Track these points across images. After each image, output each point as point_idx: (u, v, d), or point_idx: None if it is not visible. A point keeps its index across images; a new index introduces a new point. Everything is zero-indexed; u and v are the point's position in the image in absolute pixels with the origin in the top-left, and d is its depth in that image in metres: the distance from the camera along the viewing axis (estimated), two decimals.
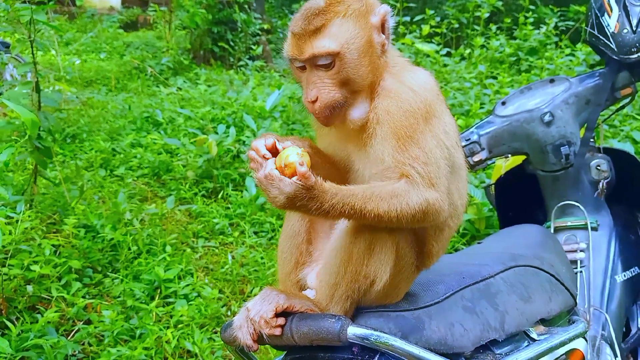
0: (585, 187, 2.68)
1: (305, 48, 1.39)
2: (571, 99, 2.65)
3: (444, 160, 1.41)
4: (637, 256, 2.66)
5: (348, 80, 1.41)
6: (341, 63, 1.39)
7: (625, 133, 5.22)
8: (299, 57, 1.41)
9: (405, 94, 1.40)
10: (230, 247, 4.12)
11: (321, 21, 1.39)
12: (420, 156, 1.36)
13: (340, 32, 1.39)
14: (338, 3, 1.41)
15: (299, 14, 1.44)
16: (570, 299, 1.84)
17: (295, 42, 1.41)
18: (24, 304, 3.11)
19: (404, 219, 1.33)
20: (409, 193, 1.33)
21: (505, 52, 8.06)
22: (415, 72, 1.48)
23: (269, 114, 6.22)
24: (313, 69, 1.41)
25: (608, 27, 2.55)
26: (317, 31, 1.38)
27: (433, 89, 1.45)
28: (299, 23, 1.41)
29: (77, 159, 5.28)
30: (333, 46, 1.38)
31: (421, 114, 1.39)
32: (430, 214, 1.36)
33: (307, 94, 1.41)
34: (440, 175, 1.38)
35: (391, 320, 1.39)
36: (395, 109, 1.38)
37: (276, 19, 13.56)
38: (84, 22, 13.35)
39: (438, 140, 1.41)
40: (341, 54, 1.38)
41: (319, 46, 1.38)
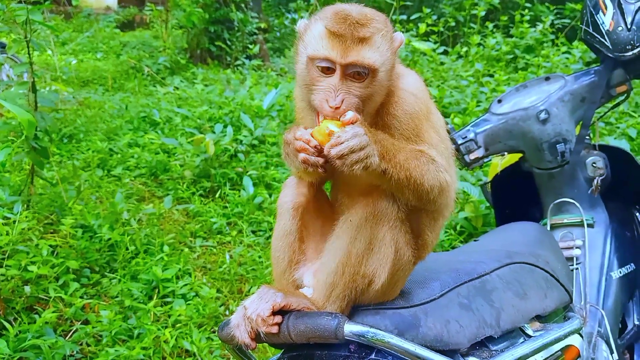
0: (581, 184, 2.69)
1: (349, 52, 1.35)
2: (567, 96, 2.66)
3: (446, 150, 1.50)
4: (632, 253, 2.67)
5: (371, 97, 1.40)
6: (373, 79, 1.38)
7: (622, 130, 5.24)
8: (338, 59, 1.35)
9: (408, 98, 1.45)
10: (228, 246, 4.13)
11: (367, 33, 1.36)
12: (429, 150, 1.43)
13: (381, 50, 1.38)
14: (375, 20, 1.39)
15: (336, 16, 1.38)
16: (566, 296, 1.85)
17: (337, 43, 1.35)
18: (22, 304, 3.11)
19: (425, 185, 1.37)
20: (428, 164, 1.39)
21: (501, 50, 8.08)
22: (409, 76, 1.52)
23: (266, 113, 6.23)
24: (343, 76, 1.37)
25: (603, 25, 2.56)
26: (364, 40, 1.35)
27: (425, 89, 1.53)
28: (342, 24, 1.36)
29: (74, 159, 5.27)
30: (378, 60, 1.36)
31: (423, 114, 1.46)
32: (443, 194, 1.43)
33: (330, 98, 1.36)
34: (447, 165, 1.46)
35: (387, 318, 1.40)
36: (401, 113, 1.44)
37: (273, 17, 13.56)
38: (81, 22, 13.34)
39: (438, 134, 1.49)
40: (377, 71, 1.38)
41: (365, 56, 1.35)
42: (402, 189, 1.37)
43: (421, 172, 1.36)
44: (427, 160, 1.39)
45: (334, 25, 1.36)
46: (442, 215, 1.54)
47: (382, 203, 1.40)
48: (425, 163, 1.38)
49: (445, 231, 3.98)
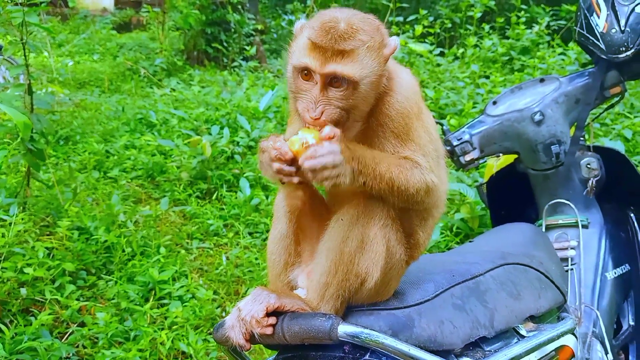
0: (576, 185, 2.70)
1: (328, 63, 1.36)
2: (561, 98, 2.67)
3: (435, 151, 1.51)
4: (627, 253, 2.68)
5: (355, 107, 1.42)
6: (354, 91, 1.39)
7: (617, 131, 5.26)
8: (317, 69, 1.37)
9: (401, 97, 1.47)
10: (224, 248, 4.13)
11: (349, 45, 1.37)
12: (418, 150, 1.45)
13: (364, 63, 1.38)
14: (362, 31, 1.39)
15: (321, 28, 1.38)
16: (560, 296, 1.86)
17: (317, 54, 1.37)
18: (18, 306, 3.11)
19: (411, 190, 1.40)
20: (412, 169, 1.41)
21: (497, 51, 8.10)
22: (402, 74, 1.53)
23: (262, 114, 6.23)
24: (324, 85, 1.39)
25: (597, 26, 2.57)
26: (344, 53, 1.37)
27: (417, 89, 1.54)
28: (324, 37, 1.37)
29: (71, 161, 5.27)
30: (356, 74, 1.37)
31: (414, 113, 1.47)
32: (430, 194, 1.45)
33: (309, 108, 1.38)
34: (435, 165, 1.49)
35: (381, 318, 1.41)
36: (394, 112, 1.45)
37: (270, 19, 13.57)
38: (77, 24, 13.33)
39: (428, 133, 1.50)
40: (358, 84, 1.39)
41: (344, 68, 1.36)
42: (386, 196, 1.40)
43: (405, 178, 1.39)
44: (412, 165, 1.42)
45: (316, 37, 1.38)
46: (431, 215, 1.55)
47: (372, 202, 1.41)
48: (410, 168, 1.41)
49: (442, 232, 3.99)
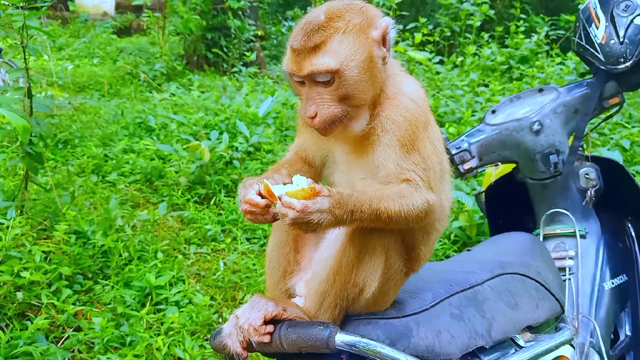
0: (574, 195, 2.70)
1: (304, 65, 1.38)
2: (559, 108, 2.68)
3: (438, 165, 1.49)
4: (625, 264, 2.68)
5: (348, 96, 1.41)
6: (340, 80, 1.39)
7: (615, 141, 5.28)
8: (297, 73, 1.40)
9: (408, 104, 1.45)
10: (222, 253, 4.12)
11: (320, 38, 1.38)
12: (421, 162, 1.42)
13: (339, 49, 1.38)
14: (338, 18, 1.40)
15: (298, 28, 1.42)
16: (557, 306, 1.86)
17: (295, 58, 1.40)
18: (14, 310, 3.10)
19: (410, 218, 1.38)
20: (412, 195, 1.39)
21: (496, 60, 8.13)
22: (410, 82, 1.52)
23: (262, 120, 6.24)
24: (312, 85, 1.41)
25: (596, 37, 2.58)
26: (316, 48, 1.38)
27: (426, 98, 1.52)
28: (298, 38, 1.40)
29: (69, 165, 5.26)
30: (332, 64, 1.37)
31: (421, 123, 1.45)
32: (430, 213, 1.44)
33: (306, 109, 1.40)
34: (437, 179, 1.47)
35: (379, 328, 1.41)
36: (401, 118, 1.43)
37: (270, 25, 13.61)
38: (77, 28, 13.34)
39: (434, 146, 1.48)
40: (340, 71, 1.38)
41: (318, 64, 1.37)
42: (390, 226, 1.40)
43: (406, 210, 1.37)
44: (410, 192, 1.39)
45: (292, 39, 1.42)
46: (435, 229, 1.55)
47: None
48: (409, 196, 1.38)
49: (440, 240, 3.99)
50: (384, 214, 1.34)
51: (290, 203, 1.26)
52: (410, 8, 11.51)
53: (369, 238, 1.40)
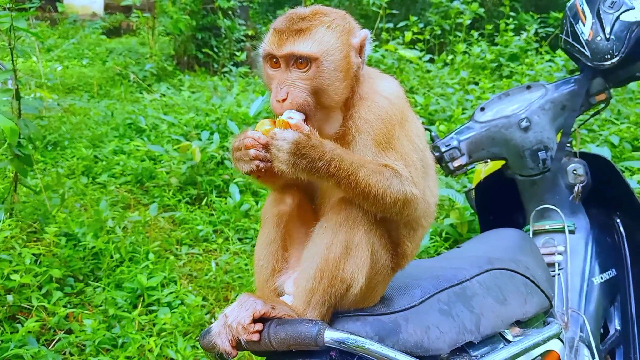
0: (563, 191, 2.72)
1: (285, 44, 1.40)
2: (547, 105, 2.70)
3: (419, 161, 1.48)
4: (613, 258, 2.71)
5: (320, 90, 1.42)
6: (317, 70, 1.40)
7: (604, 137, 5.32)
8: (276, 51, 1.41)
9: (382, 102, 1.45)
10: (214, 253, 4.11)
11: (306, 25, 1.41)
12: (399, 159, 1.42)
13: (323, 40, 1.41)
14: (324, 15, 1.44)
15: (283, 16, 1.47)
16: (546, 301, 1.88)
17: (276, 38, 1.42)
18: (4, 313, 3.08)
19: (388, 199, 1.37)
20: (392, 178, 1.39)
21: (486, 58, 8.17)
22: (385, 80, 1.54)
23: (253, 120, 6.23)
24: (288, 68, 1.42)
25: (582, 34, 2.60)
26: (300, 32, 1.40)
27: (403, 96, 1.52)
28: (282, 22, 1.43)
29: (59, 167, 5.23)
30: (314, 50, 1.40)
31: (397, 120, 1.45)
32: (409, 206, 1.42)
33: (277, 92, 1.41)
34: (419, 175, 1.46)
35: (368, 324, 1.41)
36: (374, 117, 1.43)
37: (260, 25, 13.57)
38: (66, 29, 13.25)
39: (413, 143, 1.48)
40: (319, 60, 1.40)
41: (300, 46, 1.39)
42: (361, 202, 1.39)
43: (383, 187, 1.37)
44: (391, 174, 1.39)
45: (277, 23, 1.44)
46: (420, 225, 1.55)
47: (356, 208, 1.41)
48: (389, 177, 1.38)
49: (431, 237, 4.00)
50: (362, 181, 1.34)
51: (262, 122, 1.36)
52: (401, 7, 11.53)
53: (354, 233, 1.41)
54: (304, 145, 1.30)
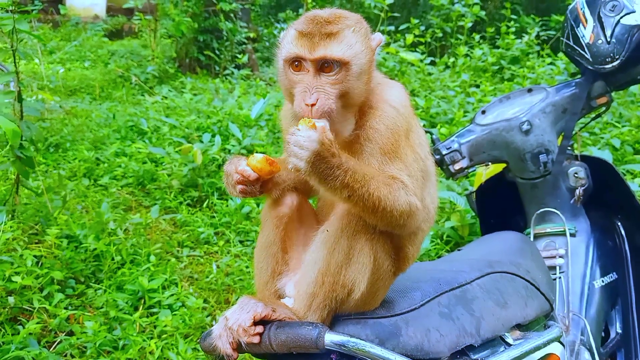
0: (564, 194, 2.72)
1: (317, 48, 1.39)
2: (548, 108, 2.70)
3: (420, 172, 1.49)
4: (614, 262, 2.70)
5: (347, 93, 1.42)
6: (346, 74, 1.41)
7: (606, 140, 5.31)
8: (307, 55, 1.39)
9: (390, 112, 1.47)
10: (215, 256, 4.12)
11: (335, 28, 1.40)
12: (404, 169, 1.43)
13: (352, 43, 1.41)
14: (345, 17, 1.44)
15: (305, 18, 1.44)
16: (547, 304, 1.87)
17: (305, 41, 1.40)
18: (5, 315, 3.08)
19: (394, 213, 1.37)
20: (400, 190, 1.39)
21: (488, 61, 8.18)
22: (392, 88, 1.54)
23: (254, 122, 6.24)
24: (316, 73, 1.41)
25: (583, 37, 2.60)
26: (331, 35, 1.39)
27: (408, 105, 1.53)
28: (309, 25, 1.41)
29: (60, 169, 5.24)
30: (346, 54, 1.40)
31: (403, 131, 1.47)
32: (412, 218, 1.42)
33: (305, 97, 1.39)
34: (418, 187, 1.47)
35: (368, 327, 1.41)
36: (383, 127, 1.45)
37: (262, 27, 13.61)
38: (68, 31, 13.28)
39: (415, 153, 1.49)
40: (349, 65, 1.40)
41: (333, 50, 1.39)
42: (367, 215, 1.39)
43: (392, 200, 1.36)
44: (398, 187, 1.40)
45: (302, 26, 1.42)
46: (421, 229, 1.55)
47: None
48: (397, 190, 1.39)
49: (432, 240, 4.00)
50: (374, 194, 1.34)
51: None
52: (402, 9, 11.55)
53: (357, 239, 1.41)
54: (327, 148, 1.30)
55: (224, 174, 1.52)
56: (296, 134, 1.30)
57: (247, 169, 1.45)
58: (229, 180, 1.50)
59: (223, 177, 1.52)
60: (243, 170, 1.44)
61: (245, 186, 1.46)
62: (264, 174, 1.46)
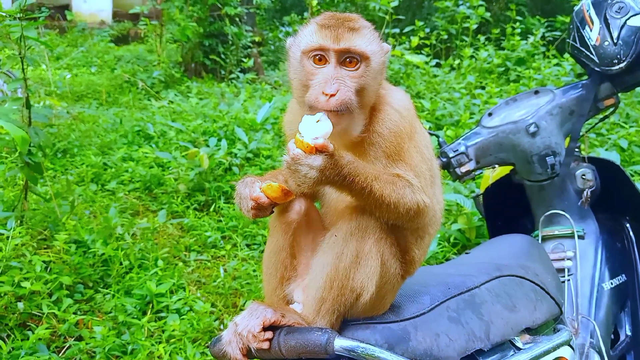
0: (571, 196, 2.71)
1: (341, 39, 1.41)
2: (555, 110, 2.69)
3: (428, 171, 1.51)
4: (623, 263, 2.69)
5: (364, 89, 1.44)
6: (365, 69, 1.43)
7: (613, 141, 5.29)
8: (331, 45, 1.41)
9: (394, 116, 1.48)
10: (222, 260, 4.13)
11: (357, 25, 1.44)
12: (409, 170, 1.45)
13: (372, 41, 1.46)
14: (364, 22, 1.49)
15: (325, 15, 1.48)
16: (556, 308, 1.87)
17: (329, 32, 1.42)
18: (15, 321, 3.10)
19: (400, 209, 1.40)
20: (405, 187, 1.41)
21: (493, 62, 8.16)
22: (396, 92, 1.56)
23: (260, 126, 6.26)
24: (337, 64, 1.42)
25: (589, 39, 2.60)
26: (354, 30, 1.43)
27: (411, 108, 1.55)
28: (329, 19, 1.45)
29: (68, 174, 5.27)
30: (368, 48, 1.43)
31: (407, 134, 1.48)
32: (421, 215, 1.45)
33: (326, 87, 1.39)
34: (427, 185, 1.49)
35: (377, 332, 1.41)
36: (387, 131, 1.46)
37: (267, 31, 13.65)
38: (75, 37, 13.38)
39: (421, 154, 1.50)
40: (369, 60, 1.44)
41: (357, 43, 1.42)
42: (375, 211, 1.41)
43: (397, 196, 1.39)
44: (404, 185, 1.42)
45: (324, 21, 1.45)
46: (427, 233, 1.56)
47: (366, 217, 1.42)
48: (402, 187, 1.41)
49: (439, 243, 3.99)
50: (377, 191, 1.36)
51: (288, 149, 1.34)
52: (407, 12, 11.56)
53: (365, 242, 1.41)
54: (329, 168, 1.32)
55: (237, 195, 1.51)
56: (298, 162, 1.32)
57: (261, 196, 1.45)
58: (243, 205, 1.49)
59: (235, 196, 1.52)
60: (257, 197, 1.45)
61: (258, 211, 1.47)
62: (278, 202, 1.48)
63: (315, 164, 1.31)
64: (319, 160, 1.31)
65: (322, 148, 1.31)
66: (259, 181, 1.49)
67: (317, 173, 1.31)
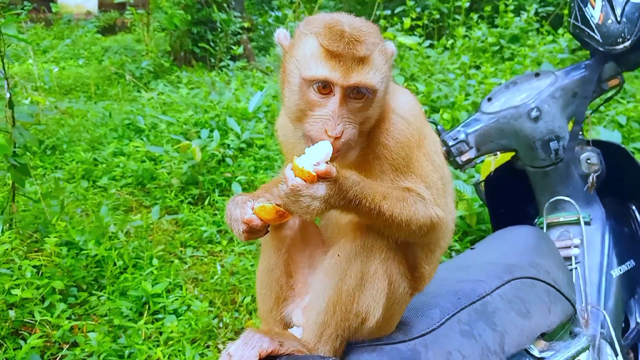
0: (576, 181, 2.63)
1: (351, 74, 1.25)
2: (558, 92, 2.59)
3: (439, 180, 1.40)
4: (631, 249, 2.62)
5: (368, 119, 1.32)
6: (372, 99, 1.30)
7: (611, 117, 5.20)
8: (340, 81, 1.25)
9: (400, 124, 1.36)
10: (219, 255, 4.04)
11: (367, 51, 1.26)
12: (420, 182, 1.34)
13: (379, 68, 1.30)
14: (370, 35, 1.30)
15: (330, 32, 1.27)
16: (570, 308, 1.79)
17: (336, 64, 1.25)
18: (7, 329, 3.01)
19: (412, 226, 1.29)
20: (416, 203, 1.31)
21: (487, 41, 8.02)
22: (401, 96, 1.43)
23: (252, 115, 6.13)
24: (345, 98, 1.27)
25: (592, 18, 2.49)
26: (364, 60, 1.26)
27: (419, 112, 1.42)
28: (337, 43, 1.25)
29: (58, 171, 5.14)
30: (377, 82, 1.28)
31: (415, 142, 1.37)
32: (435, 229, 1.35)
33: (329, 126, 1.25)
34: (440, 195, 1.38)
35: (385, 354, 1.32)
36: (392, 142, 1.34)
37: (256, 16, 13.40)
38: (61, 29, 13.10)
39: (432, 162, 1.39)
40: (377, 92, 1.30)
41: (368, 77, 1.26)
42: (386, 231, 1.30)
43: (408, 214, 1.28)
44: (415, 200, 1.31)
45: (330, 43, 1.26)
46: (438, 246, 1.46)
47: (371, 235, 1.31)
48: (413, 203, 1.30)
49: None
50: (387, 211, 1.25)
51: (286, 177, 1.20)
52: None
53: (371, 262, 1.31)
54: (334, 195, 1.20)
55: (228, 216, 1.38)
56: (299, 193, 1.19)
57: (253, 219, 1.32)
58: (234, 227, 1.36)
59: (226, 217, 1.39)
60: (250, 220, 1.31)
61: (250, 234, 1.34)
62: (272, 223, 1.36)
63: (318, 194, 1.19)
64: (322, 189, 1.19)
65: (324, 175, 1.18)
66: (251, 200, 1.35)
67: (321, 204, 1.19)
